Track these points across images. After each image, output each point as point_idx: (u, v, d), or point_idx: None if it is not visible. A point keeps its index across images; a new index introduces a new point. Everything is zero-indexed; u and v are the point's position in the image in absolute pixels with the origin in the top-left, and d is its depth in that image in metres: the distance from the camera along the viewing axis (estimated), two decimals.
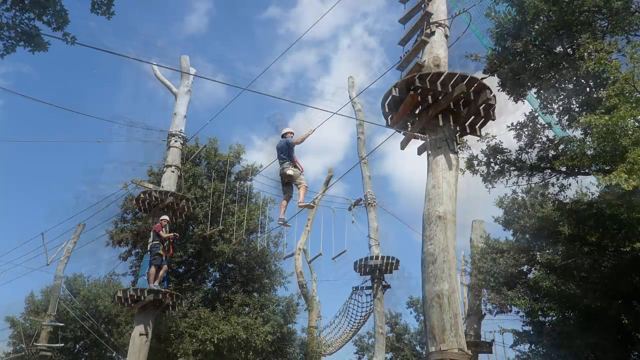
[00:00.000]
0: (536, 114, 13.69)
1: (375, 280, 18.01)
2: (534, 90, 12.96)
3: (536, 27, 11.65)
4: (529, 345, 15.97)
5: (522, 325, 15.78)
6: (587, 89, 12.14)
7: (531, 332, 15.15)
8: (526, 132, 13.75)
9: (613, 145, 9.20)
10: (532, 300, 14.96)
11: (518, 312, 16.10)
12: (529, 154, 13.86)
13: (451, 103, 7.37)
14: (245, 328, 16.49)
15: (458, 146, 7.91)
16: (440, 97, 7.31)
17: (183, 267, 19.09)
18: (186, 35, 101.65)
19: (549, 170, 13.85)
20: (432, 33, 7.90)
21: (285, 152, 10.15)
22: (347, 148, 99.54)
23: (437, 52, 7.75)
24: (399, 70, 8.16)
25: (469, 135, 8.11)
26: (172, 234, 13.73)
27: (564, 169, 13.26)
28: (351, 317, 20.87)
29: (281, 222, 10.51)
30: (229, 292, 18.44)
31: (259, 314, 17.75)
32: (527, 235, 16.40)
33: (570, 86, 12.52)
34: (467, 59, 12.81)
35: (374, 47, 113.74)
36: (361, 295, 20.16)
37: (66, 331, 23.84)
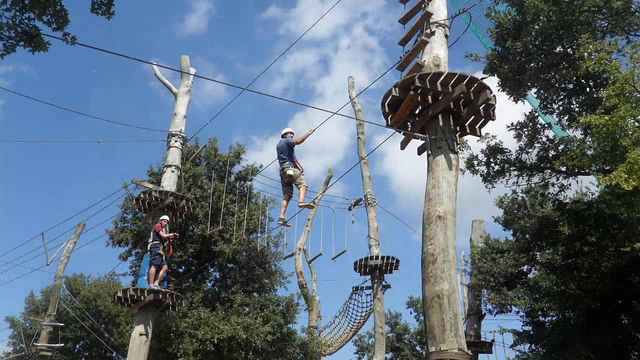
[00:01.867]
0: (536, 114, 13.70)
1: (375, 280, 18.01)
2: (534, 90, 12.97)
3: (536, 27, 11.65)
4: (529, 345, 15.98)
5: (522, 325, 15.81)
6: (587, 89, 12.15)
7: (531, 332, 15.15)
8: (526, 132, 13.76)
9: (613, 145, 9.20)
10: (532, 300, 14.97)
11: (518, 312, 16.12)
12: (529, 154, 13.87)
13: (451, 103, 7.37)
14: (245, 328, 16.48)
15: (458, 146, 7.90)
16: (440, 97, 7.31)
17: (183, 267, 19.08)
18: (186, 35, 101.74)
19: (549, 170, 13.86)
20: (432, 33, 7.90)
21: (286, 152, 10.16)
22: (347, 148, 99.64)
23: (437, 52, 7.75)
24: (399, 70, 8.15)
25: (469, 135, 8.11)
26: (172, 234, 13.72)
27: (564, 169, 13.27)
28: (351, 317, 20.91)
29: (281, 222, 10.51)
30: (229, 292, 18.43)
31: (259, 314, 17.74)
32: (527, 235, 16.41)
33: (570, 86, 12.53)
34: (467, 58, 12.84)
35: (374, 47, 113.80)
36: (361, 295, 20.22)
37: (66, 331, 23.85)
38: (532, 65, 11.90)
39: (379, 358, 17.55)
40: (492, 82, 11.73)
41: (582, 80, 12.15)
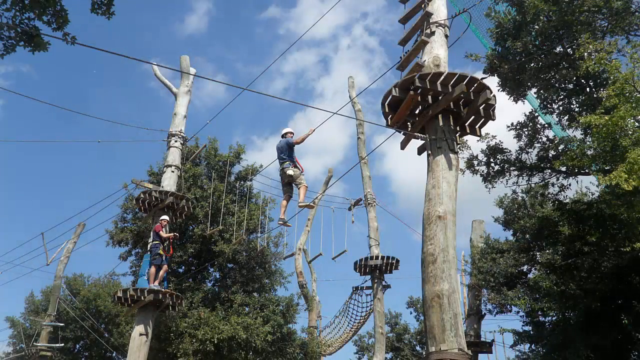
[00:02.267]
0: (536, 114, 13.70)
1: (375, 280, 18.01)
2: (534, 90, 12.97)
3: (536, 27, 11.65)
4: (529, 345, 15.98)
5: (522, 325, 15.81)
6: (587, 89, 12.15)
7: (531, 332, 15.15)
8: (526, 132, 13.76)
9: (613, 145, 9.20)
10: (532, 300, 14.96)
11: (518, 312, 16.12)
12: (529, 154, 13.87)
13: (451, 103, 7.37)
14: (245, 328, 16.48)
15: (458, 146, 7.90)
16: (440, 97, 7.31)
17: (183, 267, 19.08)
18: (186, 35, 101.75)
19: (549, 170, 13.86)
20: (432, 33, 7.90)
21: (286, 152, 10.16)
22: (347, 148, 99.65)
23: (437, 52, 7.75)
24: (399, 70, 8.15)
25: (469, 135, 8.11)
26: (172, 234, 13.73)
27: (564, 169, 13.27)
28: (351, 317, 20.91)
29: (281, 222, 10.51)
30: (229, 292, 18.43)
31: (259, 314, 17.74)
32: (527, 235, 16.41)
33: (570, 86, 12.53)
34: (467, 58, 12.84)
35: (374, 47, 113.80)
36: (361, 295, 20.22)
37: (66, 331, 23.84)
38: (532, 65, 11.90)
39: (379, 358, 17.55)
40: (492, 82, 11.74)
41: (582, 80, 12.15)
